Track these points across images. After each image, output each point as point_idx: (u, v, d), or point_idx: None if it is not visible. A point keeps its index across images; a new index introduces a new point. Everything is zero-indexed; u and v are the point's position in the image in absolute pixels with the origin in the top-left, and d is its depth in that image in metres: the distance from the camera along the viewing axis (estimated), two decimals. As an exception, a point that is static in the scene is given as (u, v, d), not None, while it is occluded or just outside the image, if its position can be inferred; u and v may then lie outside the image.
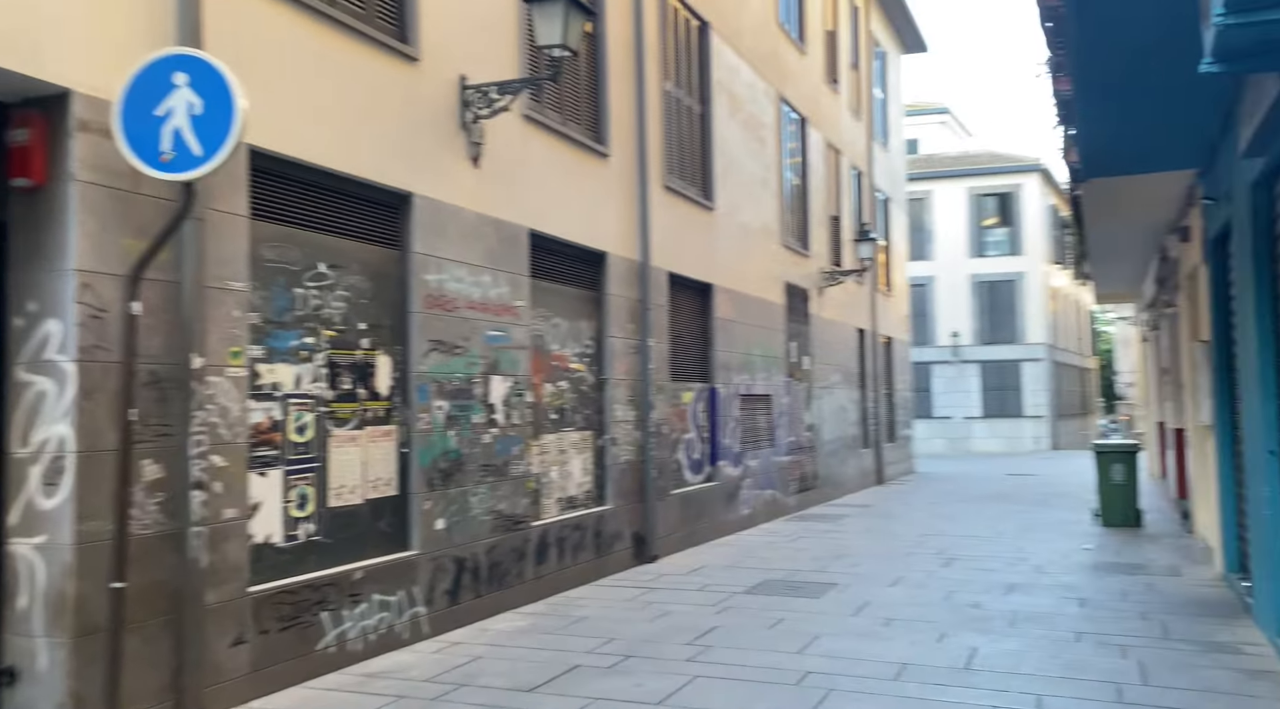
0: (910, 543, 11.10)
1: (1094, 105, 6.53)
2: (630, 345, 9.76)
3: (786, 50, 14.96)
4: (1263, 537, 6.17)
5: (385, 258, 6.70)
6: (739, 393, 12.44)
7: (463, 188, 7.33)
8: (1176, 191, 9.41)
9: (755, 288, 13.16)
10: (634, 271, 9.89)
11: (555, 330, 8.71)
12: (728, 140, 12.41)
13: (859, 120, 19.36)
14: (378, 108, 6.50)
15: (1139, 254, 13.22)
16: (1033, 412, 36.65)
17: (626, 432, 9.63)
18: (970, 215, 37.05)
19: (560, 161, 8.64)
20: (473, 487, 7.28)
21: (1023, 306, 36.67)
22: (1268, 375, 5.94)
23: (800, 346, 15.02)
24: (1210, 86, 6.13)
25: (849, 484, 17.33)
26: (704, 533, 11.24)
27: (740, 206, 12.74)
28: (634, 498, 9.72)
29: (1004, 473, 22.67)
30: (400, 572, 6.54)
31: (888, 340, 20.87)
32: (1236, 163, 6.39)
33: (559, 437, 8.69)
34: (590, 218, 9.11)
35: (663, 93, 10.74)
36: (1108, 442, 12.82)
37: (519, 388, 7.88)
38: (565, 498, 8.75)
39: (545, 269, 8.56)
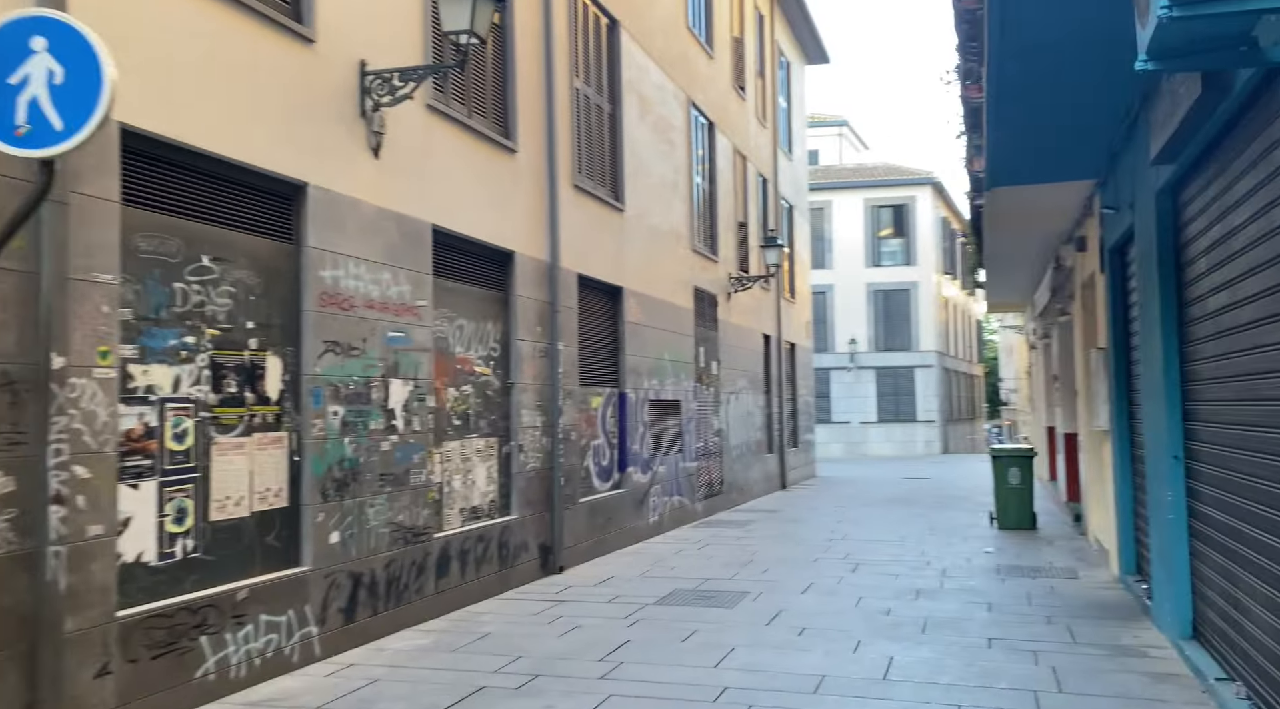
0: (818, 548, 11.08)
1: (1006, 111, 6.56)
2: (538, 349, 9.44)
3: (696, 54, 14.88)
4: (1164, 541, 6.28)
5: (277, 251, 6.22)
6: (648, 398, 12.24)
7: (362, 179, 6.90)
8: (1075, 201, 9.65)
9: (665, 292, 13.00)
10: (543, 272, 9.57)
11: (460, 332, 8.32)
12: (638, 141, 12.22)
13: (765, 128, 19.48)
14: (269, 90, 6.03)
15: (1034, 263, 13.61)
16: (925, 417, 37.74)
17: (534, 438, 9.30)
18: (867, 226, 37.96)
19: (466, 155, 8.27)
20: (370, 497, 6.84)
21: (916, 315, 37.75)
22: (1172, 382, 6.05)
23: (709, 352, 14.94)
24: (1117, 94, 6.23)
25: (754, 489, 17.35)
26: (612, 542, 10.99)
27: (650, 209, 12.57)
28: (541, 507, 9.39)
29: (900, 477, 23.15)
30: (290, 590, 6.06)
31: (791, 346, 21.05)
32: (1141, 171, 6.51)
33: (462, 444, 8.30)
34: (497, 215, 8.76)
35: (572, 89, 10.47)
36: (1005, 447, 13.11)
37: (420, 392, 7.47)
38: (469, 508, 8.36)
39: (450, 268, 8.17)
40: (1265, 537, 4.44)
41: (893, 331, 37.96)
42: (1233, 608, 5.05)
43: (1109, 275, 8.51)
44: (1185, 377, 5.99)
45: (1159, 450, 6.37)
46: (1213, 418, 5.39)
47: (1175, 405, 6.04)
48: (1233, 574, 5.06)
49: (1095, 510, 10.83)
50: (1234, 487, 4.98)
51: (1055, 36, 5.24)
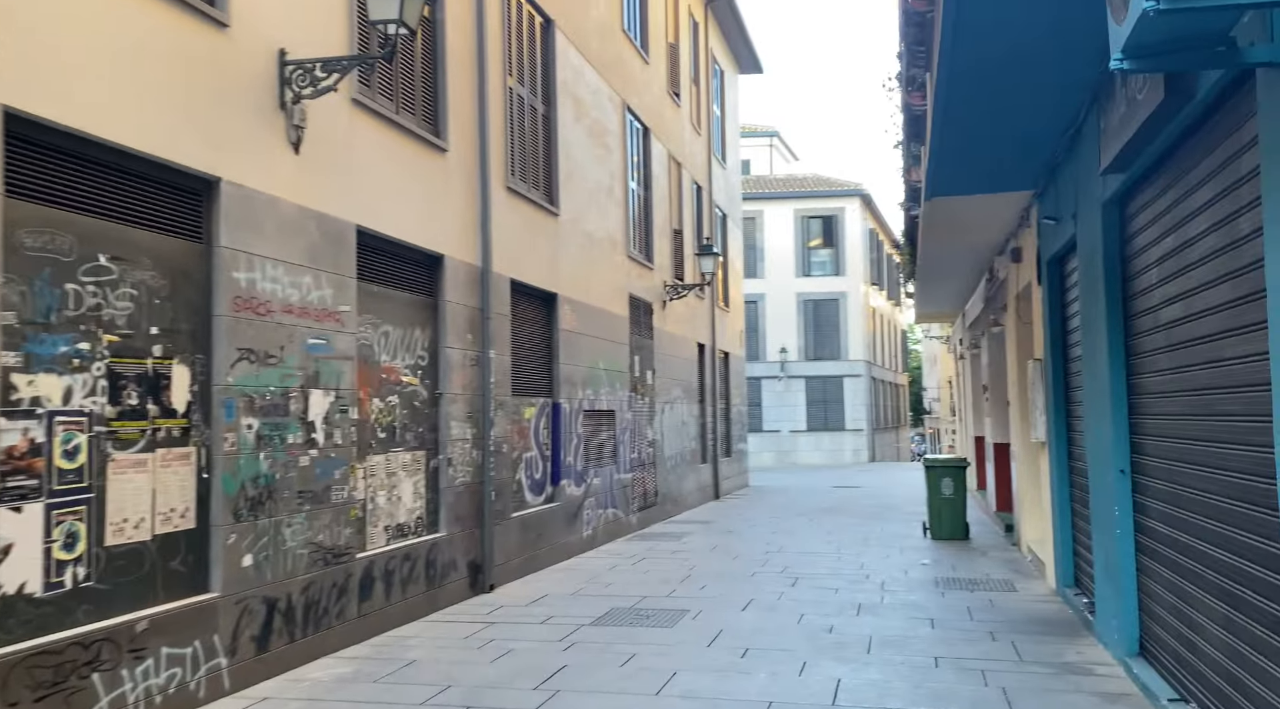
0: (755, 561, 10.89)
1: (952, 119, 6.44)
2: (469, 357, 9.04)
3: (631, 58, 14.65)
4: (1110, 556, 6.21)
5: (185, 251, 5.74)
6: (583, 408, 11.91)
7: (281, 176, 6.44)
8: (1012, 213, 9.66)
9: (600, 299, 12.70)
10: (474, 277, 9.18)
11: (385, 340, 7.89)
12: (573, 144, 11.91)
13: (700, 135, 19.36)
14: (177, 77, 5.56)
15: (967, 275, 13.69)
16: (853, 425, 38.15)
17: (464, 451, 8.89)
18: (798, 236, 38.26)
19: (393, 153, 7.86)
20: (287, 516, 6.37)
21: (845, 325, 38.16)
22: (1118, 395, 5.97)
23: (644, 360, 14.68)
24: (1065, 103, 6.15)
25: (688, 500, 17.14)
26: (545, 557, 10.62)
27: (585, 214, 12.26)
28: (471, 523, 8.98)
29: (831, 485, 23.23)
30: (196, 618, 5.57)
31: (725, 355, 20.94)
32: (1086, 182, 6.46)
33: (388, 457, 7.86)
34: (426, 217, 8.35)
35: (506, 89, 10.11)
36: (938, 457, 13.14)
37: (343, 403, 7.02)
38: (394, 526, 7.92)
39: (375, 271, 7.74)
40: (1220, 553, 4.33)
41: (822, 341, 38.30)
42: (1185, 626, 4.96)
43: (1047, 287, 8.50)
44: (1132, 389, 5.92)
45: (1104, 464, 6.30)
46: (1162, 432, 5.30)
47: (1121, 418, 5.97)
48: (1184, 591, 4.96)
49: (1029, 521, 10.87)
50: (1186, 502, 4.89)
51: (1009, 41, 5.11)
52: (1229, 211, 4.03)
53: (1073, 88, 5.75)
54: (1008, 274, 11.18)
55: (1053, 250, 8.10)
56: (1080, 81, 5.68)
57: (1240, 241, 3.89)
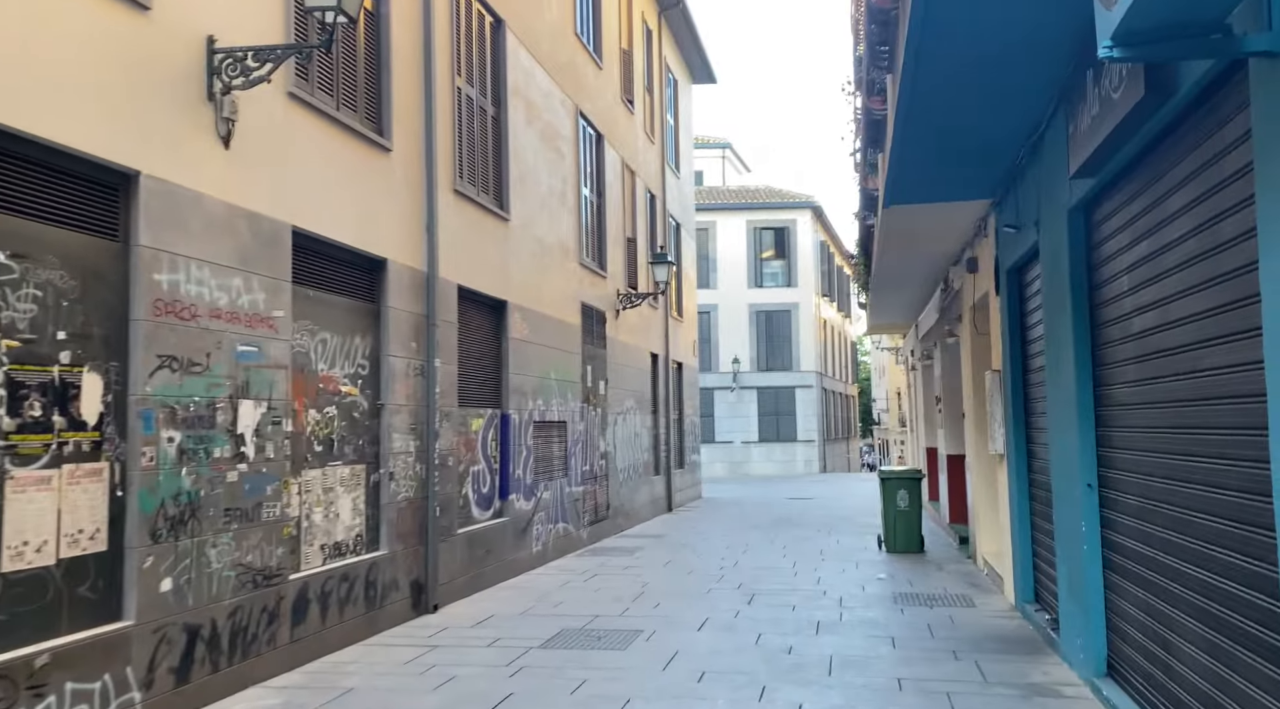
0: (710, 577, 10.60)
1: (915, 123, 6.26)
2: (413, 366, 8.64)
3: (584, 63, 14.37)
4: (1076, 573, 6.03)
5: (99, 250, 5.30)
6: (533, 419, 11.55)
7: (208, 171, 6.02)
8: (969, 222, 9.54)
9: (552, 307, 12.36)
10: (419, 283, 8.79)
11: (323, 347, 7.46)
12: (524, 148, 11.57)
13: (653, 144, 19.14)
14: (90, 61, 5.14)
15: (922, 285, 13.61)
16: (805, 436, 38.18)
17: (406, 464, 8.48)
18: (750, 247, 38.28)
19: (333, 151, 7.46)
20: (212, 536, 5.93)
21: (797, 336, 38.23)
22: (1085, 406, 5.80)
23: (596, 370, 14.36)
24: (1031, 106, 5.99)
25: (641, 513, 16.82)
26: (492, 575, 10.21)
27: (536, 219, 11.92)
28: (414, 540, 8.57)
29: (784, 497, 23.08)
30: (107, 650, 5.11)
31: (678, 366, 20.70)
32: (1049, 188, 6.30)
33: (325, 472, 7.43)
34: (368, 218, 7.95)
35: (454, 88, 9.75)
36: (893, 468, 13.00)
37: (275, 414, 6.59)
38: (331, 544, 7.49)
39: (312, 275, 7.32)
40: (1202, 573, 4.14)
41: (774, 352, 38.32)
42: (1159, 647, 4.77)
43: (1005, 297, 8.37)
44: (1099, 400, 5.75)
45: (1069, 477, 6.13)
46: (1133, 445, 5.13)
47: (1089, 431, 5.80)
48: (1159, 611, 4.78)
49: (985, 535, 10.74)
50: (1160, 519, 4.70)
51: (978, 41, 4.92)
52: (1210, 215, 3.85)
53: (1039, 90, 5.59)
54: (963, 284, 11.08)
55: (1012, 259, 7.96)
56: (1047, 84, 5.51)
57: (1224, 246, 3.70)
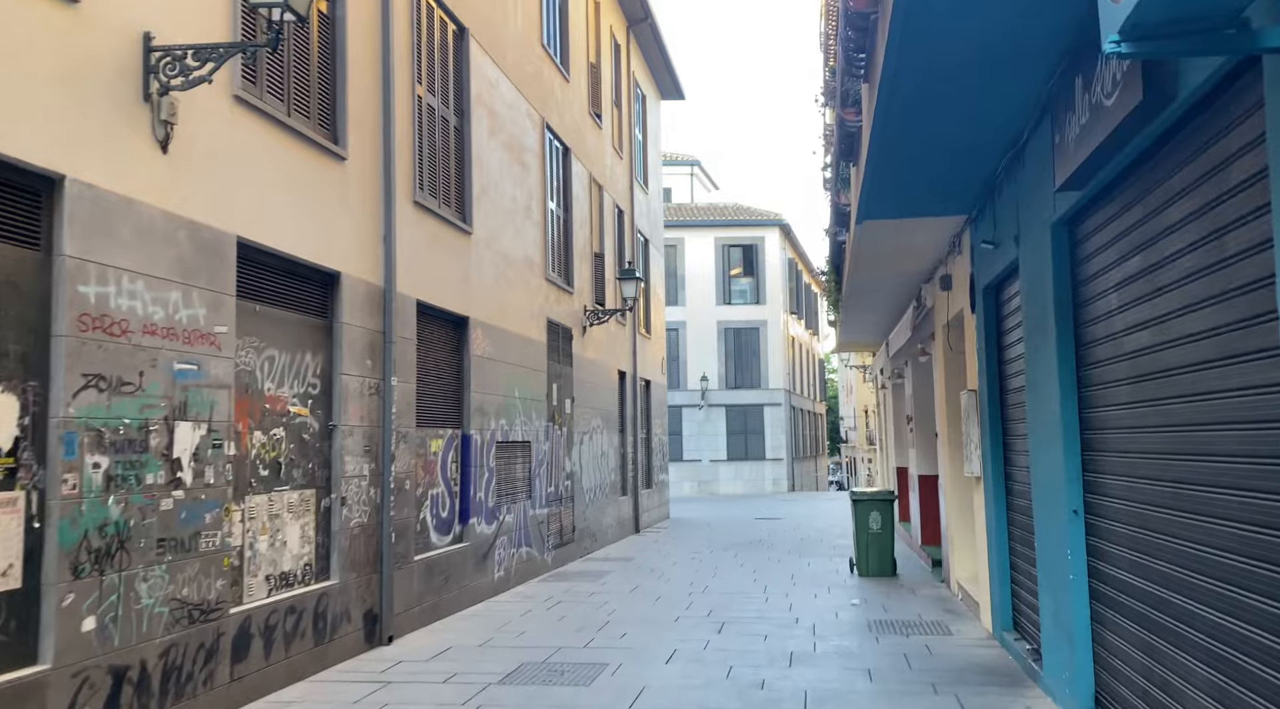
0: (679, 604, 10.24)
1: (891, 134, 6.01)
2: (368, 385, 8.23)
3: (551, 75, 14.08)
4: (1061, 604, 5.76)
5: (16, 260, 4.88)
6: (496, 440, 11.15)
7: (144, 177, 5.62)
8: (944, 238, 9.34)
9: (516, 324, 11.99)
10: (375, 298, 8.40)
11: (270, 365, 7.05)
12: (488, 160, 11.24)
13: (621, 158, 18.89)
14: (11, 56, 4.74)
15: (893, 302, 13.42)
16: (773, 454, 37.98)
17: (360, 489, 8.06)
18: (719, 264, 38.15)
19: (283, 159, 7.07)
20: (143, 569, 5.49)
21: (765, 353, 38.09)
22: (1070, 429, 5.56)
23: (562, 389, 13.99)
24: (1011, 117, 5.77)
25: (608, 535, 16.43)
26: (451, 603, 9.78)
27: (501, 233, 11.57)
28: (367, 568, 8.13)
29: (753, 517, 22.79)
30: (19, 697, 4.66)
31: (646, 383, 20.38)
32: (1031, 202, 6.08)
33: (271, 498, 7.00)
34: (321, 230, 7.57)
35: (414, 97, 9.40)
36: (865, 489, 12.75)
37: (216, 437, 6.17)
38: (278, 574, 7.04)
39: (259, 289, 6.91)
40: (1210, 613, 3.87)
41: (742, 369, 38.14)
42: (1155, 686, 4.49)
43: (982, 315, 8.15)
44: (1085, 424, 5.51)
45: (1052, 503, 5.88)
46: (1125, 471, 4.88)
47: (1074, 454, 5.55)
48: (1154, 648, 4.51)
49: (960, 558, 10.49)
50: (1159, 551, 4.44)
51: (960, 48, 4.67)
52: (1213, 227, 3.60)
53: (1023, 99, 5.36)
54: (936, 302, 10.89)
55: (989, 277, 7.75)
56: (1032, 92, 5.29)
57: (1232, 259, 3.45)
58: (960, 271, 9.21)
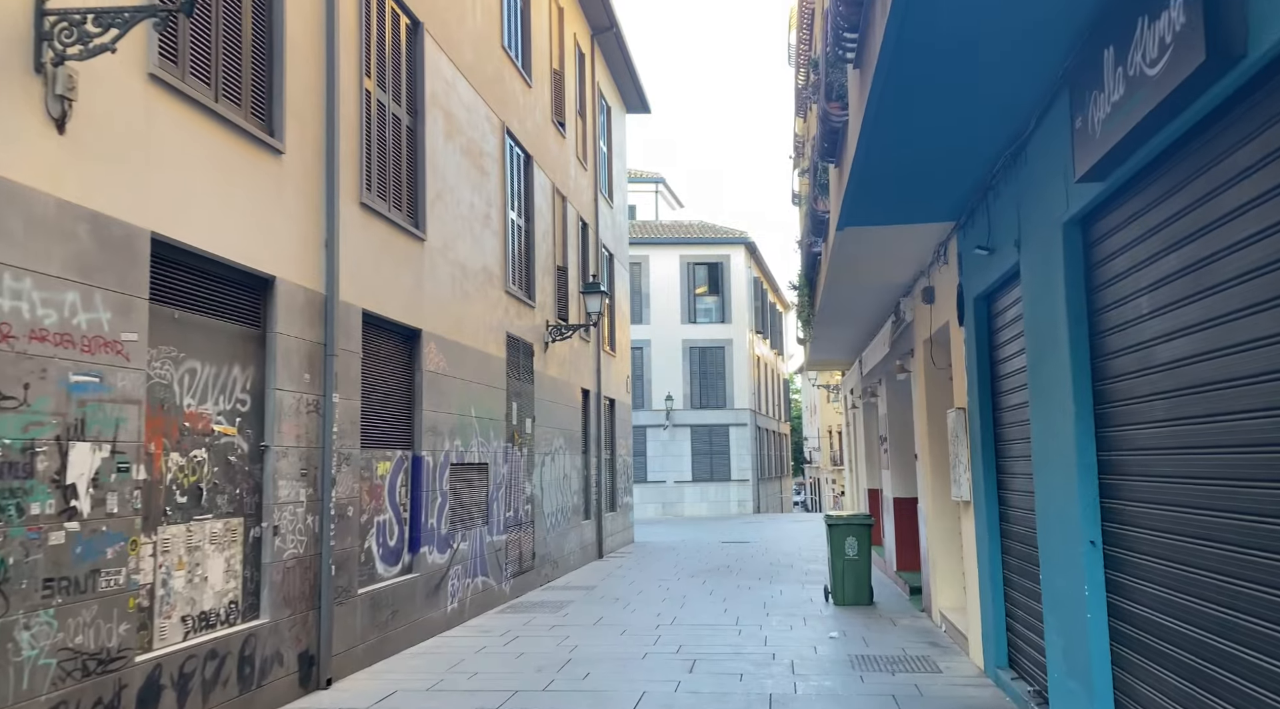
0: (646, 638, 9.54)
1: (883, 127, 5.46)
2: (306, 402, 7.48)
3: (512, 78, 13.46)
4: (1077, 645, 5.17)
5: None
6: (450, 462, 10.40)
7: (34, 159, 4.88)
8: (928, 247, 8.83)
9: (473, 338, 11.28)
10: (315, 306, 7.67)
11: (191, 378, 6.29)
12: (443, 163, 10.56)
13: (586, 170, 18.29)
14: None
15: (870, 317, 12.91)
16: (739, 475, 37.40)
17: (296, 516, 7.29)
18: (684, 283, 37.66)
19: (209, 149, 6.35)
20: (24, 615, 4.70)
21: (730, 373, 37.58)
22: (1086, 451, 4.99)
23: (523, 407, 13.27)
24: (1012, 106, 5.23)
25: (570, 561, 15.67)
26: (399, 639, 9.00)
27: (457, 242, 10.88)
28: (303, 604, 7.35)
29: (719, 540, 22.14)
30: None
31: (611, 402, 19.70)
32: (1037, 201, 5.54)
33: (189, 528, 6.22)
34: (254, 230, 6.84)
35: (361, 91, 8.72)
36: (840, 513, 12.16)
37: (122, 460, 5.40)
38: (197, 615, 6.25)
39: (178, 292, 6.17)
40: (1260, 659, 3.29)
41: (708, 389, 37.59)
42: (1201, 747, 3.89)
43: (974, 328, 7.61)
44: (1103, 444, 4.94)
45: (1064, 533, 5.30)
46: (1155, 497, 4.31)
47: (1090, 479, 4.98)
48: (1195, 700, 3.92)
49: (943, 587, 9.92)
50: (1198, 588, 3.86)
51: (970, 19, 4.12)
52: (1288, 212, 3.04)
53: (1031, 84, 4.82)
54: (917, 316, 10.37)
55: (981, 286, 7.21)
56: (1041, 76, 4.75)
57: (1318, 248, 2.89)
58: (946, 282, 8.69)
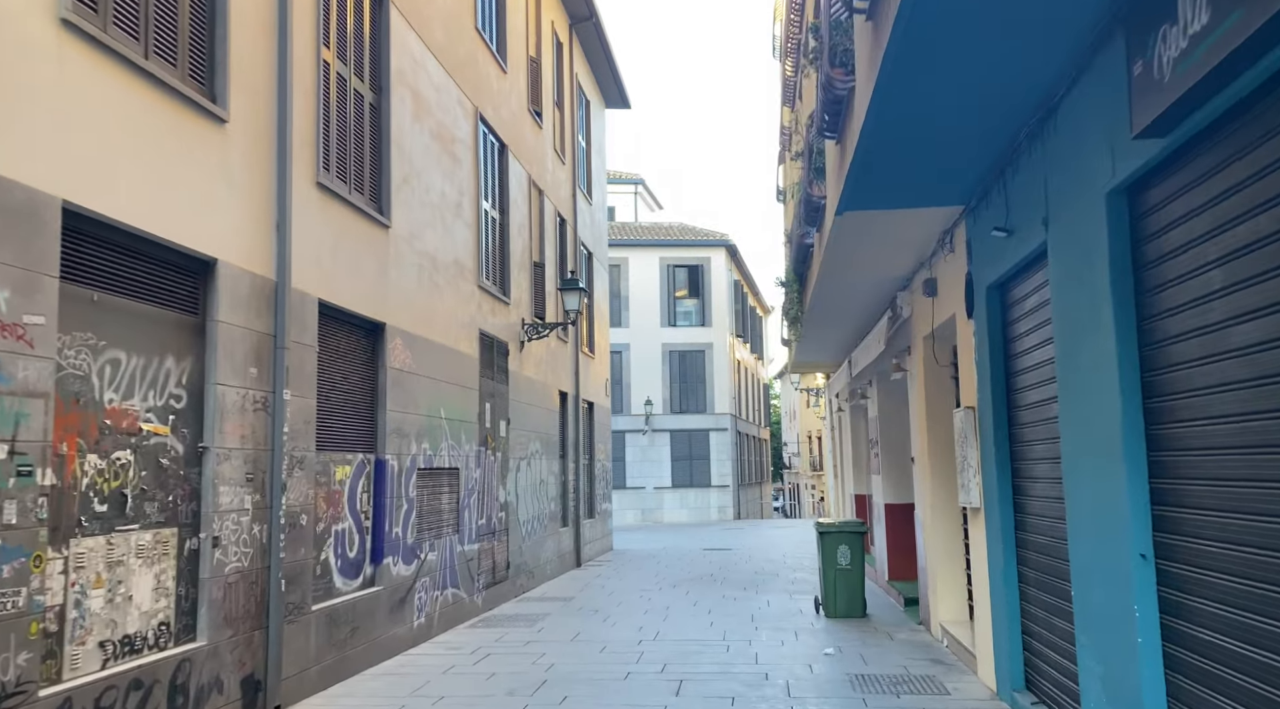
0: (627, 654, 8.86)
1: (900, 81, 4.84)
2: (253, 399, 6.75)
3: (486, 62, 12.77)
4: (1120, 669, 4.55)
5: None
6: (417, 466, 9.68)
7: (-86, 108, 4.15)
8: (930, 236, 8.23)
9: (443, 334, 10.56)
10: (264, 293, 6.94)
11: (113, 370, 5.55)
12: (411, 146, 9.85)
13: (564, 164, 17.61)
14: None
15: (862, 314, 12.31)
16: (719, 481, 36.79)
17: (240, 526, 6.55)
18: (663, 285, 37.05)
19: (137, 111, 5.63)
20: (-106, 646, 3.96)
21: (711, 377, 36.98)
22: (1134, 451, 4.37)
23: (497, 409, 12.55)
24: (1048, 57, 4.62)
25: (546, 570, 14.95)
26: (359, 659, 8.26)
27: (426, 231, 10.17)
28: (248, 623, 6.61)
29: (701, 547, 21.49)
30: None
31: (590, 405, 19.01)
32: (1071, 171, 4.93)
33: (111, 540, 5.48)
34: (191, 205, 6.11)
35: (319, 62, 8.01)
36: (833, 521, 11.54)
37: (24, 462, 4.66)
38: (118, 639, 5.51)
39: (97, 271, 5.43)
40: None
41: (688, 393, 36.96)
42: (1294, 802, 3.27)
43: (985, 320, 7.00)
44: (1153, 443, 4.33)
45: (1106, 544, 4.68)
46: (1223, 504, 3.69)
47: (1140, 483, 4.36)
48: (1288, 747, 3.29)
49: (945, 599, 9.31)
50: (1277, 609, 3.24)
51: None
52: None
53: (1072, 30, 4.21)
54: (915, 311, 9.77)
55: (997, 273, 6.60)
56: (1084, 20, 4.14)
57: None
58: (951, 272, 8.09)
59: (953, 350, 9.16)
